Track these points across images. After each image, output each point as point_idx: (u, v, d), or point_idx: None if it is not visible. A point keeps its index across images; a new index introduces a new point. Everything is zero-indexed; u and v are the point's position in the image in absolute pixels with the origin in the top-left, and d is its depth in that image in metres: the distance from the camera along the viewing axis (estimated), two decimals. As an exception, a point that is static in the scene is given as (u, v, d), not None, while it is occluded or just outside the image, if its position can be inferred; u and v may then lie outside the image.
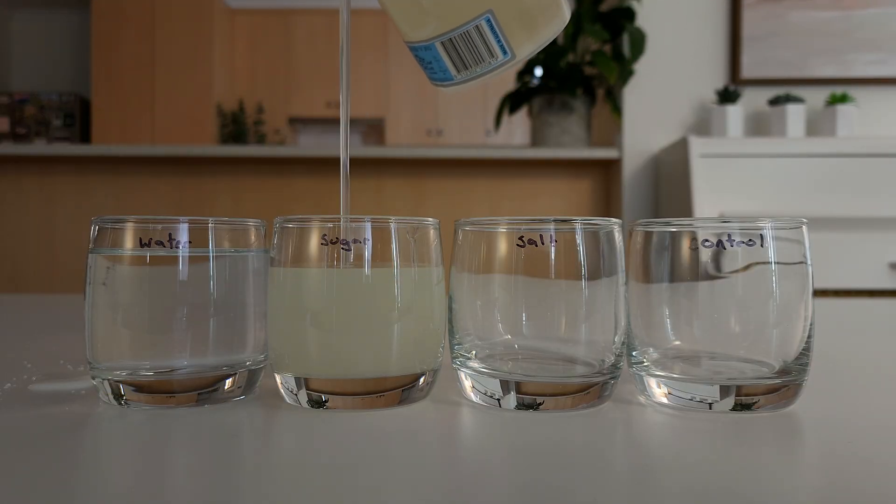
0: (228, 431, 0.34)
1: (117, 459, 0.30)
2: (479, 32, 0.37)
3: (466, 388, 0.40)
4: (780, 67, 2.34)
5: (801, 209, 1.96)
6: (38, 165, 2.27)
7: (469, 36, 0.37)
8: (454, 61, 0.38)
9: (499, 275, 0.39)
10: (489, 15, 0.36)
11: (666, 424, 0.36)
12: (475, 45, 0.37)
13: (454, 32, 0.37)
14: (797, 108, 2.22)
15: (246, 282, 0.41)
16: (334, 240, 0.37)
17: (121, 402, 0.38)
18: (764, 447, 0.32)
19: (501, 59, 0.37)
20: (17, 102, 3.73)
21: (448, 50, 0.38)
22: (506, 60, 0.38)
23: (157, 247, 0.38)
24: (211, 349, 0.39)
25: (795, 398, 0.38)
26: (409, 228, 0.39)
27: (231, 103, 4.20)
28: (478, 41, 0.37)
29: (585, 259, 0.38)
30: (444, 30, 0.37)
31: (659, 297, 0.40)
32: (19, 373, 0.45)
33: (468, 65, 0.38)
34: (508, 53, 0.37)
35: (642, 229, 0.40)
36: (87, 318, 0.39)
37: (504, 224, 0.39)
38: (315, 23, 4.55)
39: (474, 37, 0.37)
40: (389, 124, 4.64)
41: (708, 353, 0.39)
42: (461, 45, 0.37)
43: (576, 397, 0.38)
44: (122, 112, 3.87)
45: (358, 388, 0.38)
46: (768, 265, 0.37)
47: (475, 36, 0.37)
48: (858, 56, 2.33)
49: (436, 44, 0.38)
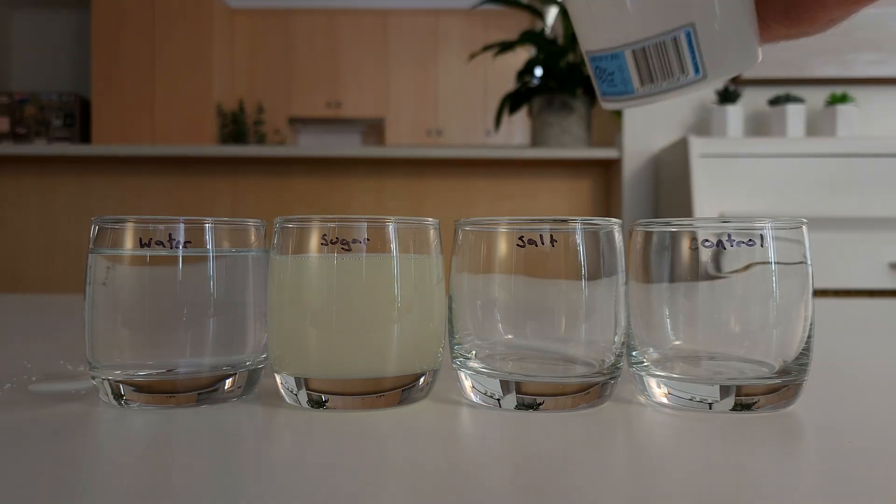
0: (228, 431, 0.34)
1: (117, 459, 0.30)
2: (676, 45, 0.35)
3: (466, 388, 0.40)
4: (780, 67, 2.34)
5: (801, 209, 1.96)
6: (38, 165, 2.27)
7: (664, 47, 0.35)
8: (641, 73, 0.36)
9: (499, 275, 0.39)
10: (690, 28, 0.34)
11: (666, 424, 0.36)
12: (668, 57, 0.35)
13: (649, 41, 0.35)
14: (797, 108, 2.22)
15: (246, 282, 0.41)
16: (334, 240, 0.37)
17: (121, 402, 0.38)
18: (764, 447, 0.32)
19: (692, 77, 0.36)
20: (17, 102, 3.73)
21: (638, 59, 0.36)
22: (696, 79, 0.36)
23: (157, 247, 0.38)
24: (211, 349, 0.39)
25: (795, 398, 0.38)
26: (408, 229, 0.39)
27: (231, 103, 4.20)
28: (672, 54, 0.35)
29: (585, 259, 0.38)
30: (639, 37, 0.35)
31: (659, 297, 0.40)
32: (19, 373, 0.45)
33: (655, 78, 0.36)
34: (700, 72, 0.35)
35: (642, 229, 0.40)
36: (87, 318, 0.39)
37: (504, 224, 0.39)
38: (315, 23, 4.55)
39: (669, 49, 0.35)
40: (389, 124, 4.64)
41: (708, 353, 0.39)
42: (653, 55, 0.35)
43: (576, 397, 0.38)
44: (122, 112, 3.87)
45: (358, 388, 0.38)
46: (768, 265, 0.37)
47: (670, 48, 0.35)
48: (858, 56, 2.33)
49: (625, 52, 0.36)
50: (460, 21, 4.58)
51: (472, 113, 4.62)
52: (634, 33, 0.35)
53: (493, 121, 2.58)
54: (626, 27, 0.35)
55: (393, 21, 4.60)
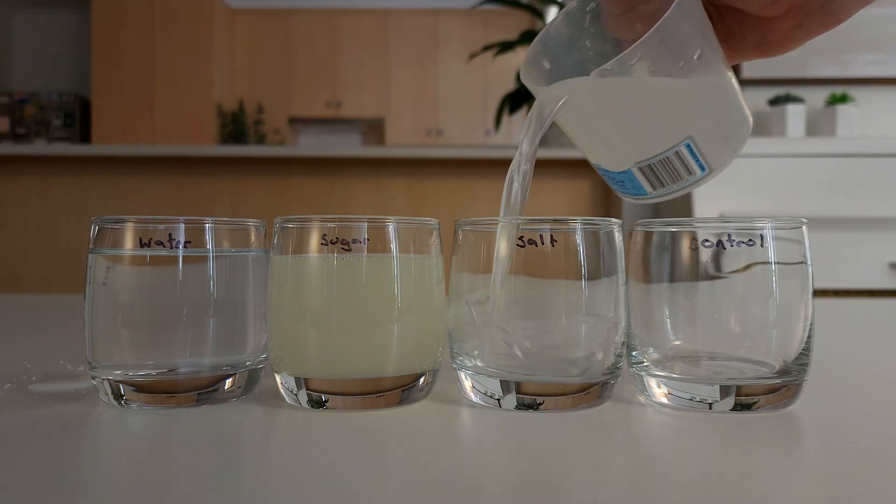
0: (228, 431, 0.34)
1: (117, 459, 0.30)
2: (679, 156, 0.37)
3: (466, 388, 0.40)
4: (780, 67, 2.34)
5: (801, 209, 1.96)
6: (38, 165, 2.27)
7: (668, 161, 0.37)
8: (650, 181, 0.39)
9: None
10: (689, 140, 0.37)
11: (666, 424, 0.36)
12: (673, 167, 0.38)
13: (653, 160, 0.38)
14: (797, 108, 2.22)
15: (246, 282, 0.41)
16: (334, 240, 0.37)
17: (121, 402, 0.38)
18: (764, 447, 0.32)
19: (699, 175, 0.38)
20: (17, 102, 3.73)
21: (645, 173, 0.38)
22: (703, 176, 0.38)
23: (157, 247, 0.38)
24: (211, 349, 0.39)
25: (795, 398, 0.38)
26: (408, 229, 0.39)
27: (231, 103, 4.20)
28: (676, 163, 0.37)
29: (585, 259, 0.38)
30: (643, 158, 0.38)
31: (659, 297, 0.40)
32: (19, 373, 0.45)
33: (665, 183, 0.38)
34: (706, 169, 0.38)
35: (642, 229, 0.40)
36: (87, 318, 0.39)
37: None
38: (315, 23, 4.55)
39: (673, 160, 0.37)
40: (389, 124, 4.64)
41: (708, 353, 0.39)
42: (659, 168, 0.38)
43: (576, 397, 0.38)
44: (122, 112, 3.87)
45: (358, 388, 0.38)
46: (768, 265, 0.37)
47: (674, 160, 0.37)
48: (858, 56, 2.33)
49: (633, 169, 0.39)
50: (460, 21, 4.58)
51: (472, 113, 4.61)
52: (639, 156, 0.38)
53: (493, 121, 2.58)
54: (629, 154, 0.38)
55: (393, 21, 4.60)
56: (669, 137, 0.37)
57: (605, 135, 0.40)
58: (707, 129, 0.37)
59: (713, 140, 0.38)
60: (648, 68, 0.35)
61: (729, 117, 0.39)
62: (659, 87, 0.36)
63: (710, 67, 0.37)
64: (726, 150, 0.38)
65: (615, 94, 0.36)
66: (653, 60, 0.34)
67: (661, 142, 0.37)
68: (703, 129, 0.37)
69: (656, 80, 0.35)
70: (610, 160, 0.40)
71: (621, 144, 0.39)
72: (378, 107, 4.63)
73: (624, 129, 0.38)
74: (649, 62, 0.34)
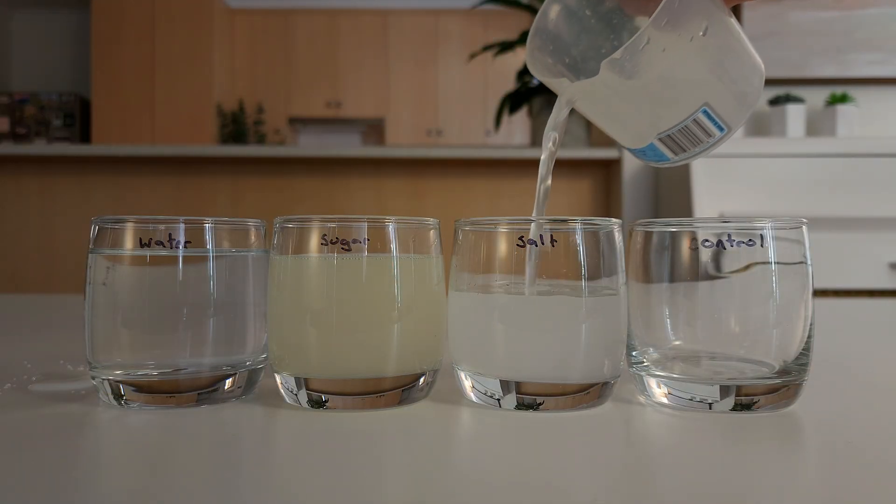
0: (228, 431, 0.34)
1: (117, 459, 0.30)
2: (697, 123, 0.38)
3: (466, 388, 0.40)
4: (780, 67, 2.34)
5: (801, 209, 1.96)
6: (38, 165, 2.27)
7: (687, 129, 0.38)
8: (671, 148, 0.39)
9: (499, 275, 0.39)
10: (706, 107, 0.37)
11: (666, 424, 0.36)
12: (693, 133, 0.38)
13: (672, 130, 0.38)
14: (797, 108, 2.22)
15: (246, 282, 0.41)
16: (334, 240, 0.37)
17: (121, 402, 0.38)
18: (764, 447, 0.32)
19: (718, 136, 0.38)
20: (17, 102, 3.73)
21: (666, 143, 0.39)
22: (722, 136, 0.39)
23: (157, 247, 0.38)
24: (211, 349, 0.39)
25: (795, 398, 0.38)
26: (408, 229, 0.39)
27: (231, 103, 4.20)
28: (696, 130, 0.38)
29: (585, 259, 0.38)
30: (662, 129, 0.38)
31: (659, 297, 0.40)
32: (19, 373, 0.45)
33: (685, 148, 0.39)
34: (725, 129, 0.38)
35: (642, 229, 0.40)
36: (87, 318, 0.39)
37: (504, 224, 0.39)
38: (315, 23, 4.54)
39: (692, 127, 0.38)
40: (389, 124, 4.64)
41: (708, 353, 0.39)
42: (679, 137, 0.38)
43: (576, 397, 0.38)
44: (122, 112, 3.87)
45: (358, 388, 0.38)
46: (768, 265, 0.37)
47: (693, 126, 0.38)
48: (858, 56, 2.33)
49: (654, 141, 0.39)
50: (460, 21, 4.58)
51: (472, 113, 4.61)
52: (658, 129, 0.38)
53: (493, 121, 2.58)
54: (649, 130, 0.38)
55: (393, 21, 4.60)
56: (686, 107, 0.37)
57: (623, 117, 0.40)
58: (722, 91, 0.37)
59: (729, 101, 0.38)
60: (659, 49, 0.34)
61: (742, 74, 0.38)
62: (671, 64, 0.36)
63: (718, 33, 0.36)
64: (743, 108, 0.39)
65: (628, 80, 0.36)
66: (662, 41, 0.34)
67: (678, 113, 0.37)
68: (718, 93, 0.37)
69: (667, 58, 0.35)
70: (630, 139, 0.40)
71: (639, 123, 0.39)
72: (378, 107, 4.63)
73: (640, 109, 0.38)
74: (659, 44, 0.34)
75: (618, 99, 0.38)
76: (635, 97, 0.38)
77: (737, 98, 0.38)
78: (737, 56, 0.38)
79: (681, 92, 0.37)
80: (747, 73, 0.38)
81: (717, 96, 0.37)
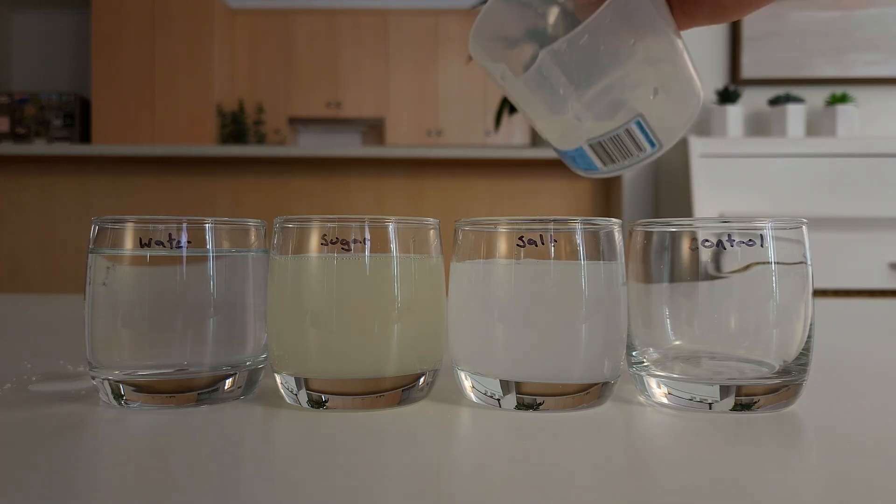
0: (228, 431, 0.34)
1: (117, 459, 0.30)
2: (629, 133, 0.37)
3: (466, 388, 0.40)
4: (780, 67, 2.34)
5: (801, 209, 1.96)
6: (38, 165, 2.27)
7: (618, 138, 0.37)
8: (601, 157, 0.38)
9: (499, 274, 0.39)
10: (639, 118, 0.37)
11: (666, 424, 0.36)
12: (624, 144, 0.38)
13: (603, 137, 0.37)
14: (797, 108, 2.22)
15: (246, 282, 0.41)
16: (334, 240, 0.37)
17: (121, 402, 0.38)
18: (764, 447, 0.32)
19: (649, 151, 0.38)
20: (17, 102, 3.73)
21: (595, 150, 0.38)
22: (653, 152, 0.38)
23: (157, 247, 0.38)
24: (211, 349, 0.39)
25: (795, 398, 0.38)
26: (408, 229, 0.39)
27: (231, 103, 4.20)
28: (627, 141, 0.37)
29: (585, 259, 0.38)
30: (593, 135, 0.38)
31: (659, 297, 0.40)
32: (19, 373, 0.45)
33: (615, 159, 0.38)
34: (656, 145, 0.38)
35: (642, 229, 0.40)
36: (87, 318, 0.39)
37: (504, 224, 0.39)
38: (315, 23, 4.54)
39: (624, 138, 0.37)
40: (389, 124, 4.63)
41: (708, 353, 0.39)
42: (609, 145, 0.38)
43: (576, 397, 0.38)
44: (122, 112, 3.87)
45: (358, 388, 0.38)
46: (768, 265, 0.37)
47: (624, 137, 0.37)
48: (858, 56, 2.33)
49: (583, 146, 0.38)
50: (460, 21, 4.57)
51: (472, 113, 4.61)
52: (589, 133, 0.38)
53: (493, 121, 2.58)
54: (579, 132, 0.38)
55: (393, 21, 4.60)
56: (620, 115, 0.37)
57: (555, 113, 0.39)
58: (657, 107, 0.37)
59: (664, 118, 0.37)
60: (598, 47, 0.34)
61: (681, 94, 0.38)
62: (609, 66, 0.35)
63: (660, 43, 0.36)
64: (676, 127, 0.38)
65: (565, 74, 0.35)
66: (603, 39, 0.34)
67: (612, 119, 0.37)
68: (654, 108, 0.37)
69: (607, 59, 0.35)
70: (560, 138, 0.39)
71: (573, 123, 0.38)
72: (378, 107, 4.63)
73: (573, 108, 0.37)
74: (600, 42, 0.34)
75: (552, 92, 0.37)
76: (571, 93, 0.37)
77: (673, 116, 0.38)
78: (677, 75, 0.38)
79: (616, 98, 0.37)
80: (686, 93, 0.38)
81: (653, 110, 0.37)
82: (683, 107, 0.38)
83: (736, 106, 2.22)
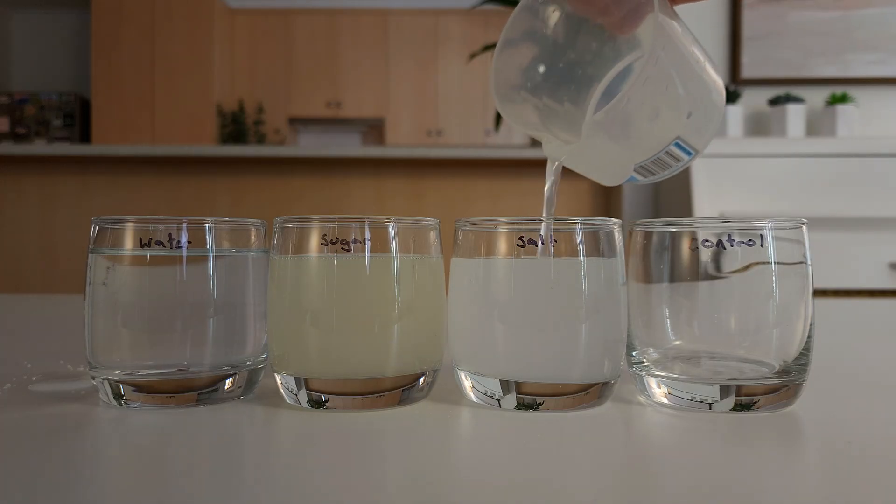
0: (228, 431, 0.34)
1: (117, 459, 0.30)
2: (669, 154, 0.39)
3: (466, 388, 0.40)
4: (780, 67, 2.34)
5: (801, 209, 1.96)
6: (38, 165, 2.27)
7: (660, 159, 0.39)
8: (641, 174, 0.41)
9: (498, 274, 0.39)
10: (678, 140, 0.39)
11: (666, 424, 0.36)
12: (664, 161, 0.39)
13: (645, 161, 0.39)
14: (797, 108, 2.22)
15: (246, 282, 0.41)
16: (334, 240, 0.37)
17: (121, 402, 0.38)
18: (764, 447, 0.32)
19: (686, 160, 0.40)
20: (17, 102, 3.73)
21: (637, 171, 0.40)
22: (690, 158, 0.40)
23: (157, 247, 0.38)
24: (211, 349, 0.39)
25: (795, 398, 0.38)
26: (408, 229, 0.39)
27: (231, 103, 4.20)
28: (667, 158, 0.39)
29: (585, 259, 0.38)
30: (636, 163, 0.40)
31: (659, 297, 0.40)
32: (19, 373, 0.45)
33: (654, 172, 0.40)
34: (692, 153, 0.40)
35: (642, 229, 0.40)
36: (87, 318, 0.39)
37: (504, 224, 0.39)
38: (315, 23, 4.54)
39: (664, 158, 0.39)
40: (389, 124, 4.63)
41: (708, 353, 0.39)
42: (651, 165, 0.40)
43: (576, 397, 0.38)
44: (122, 112, 3.87)
45: (358, 388, 0.38)
46: (768, 265, 0.37)
47: (665, 157, 0.39)
48: (858, 56, 2.33)
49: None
50: (460, 21, 4.57)
51: (472, 113, 4.61)
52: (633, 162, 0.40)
53: (493, 121, 2.58)
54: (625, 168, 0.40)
55: (393, 21, 4.60)
56: (660, 143, 0.38)
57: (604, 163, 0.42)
58: (692, 124, 0.39)
59: (698, 130, 0.39)
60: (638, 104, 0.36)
61: (710, 106, 0.40)
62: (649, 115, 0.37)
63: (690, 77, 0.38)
64: (709, 132, 0.40)
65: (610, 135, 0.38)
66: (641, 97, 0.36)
67: (652, 149, 0.39)
68: (689, 126, 0.39)
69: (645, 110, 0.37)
70: (610, 179, 0.42)
71: (616, 165, 0.41)
72: (378, 107, 4.63)
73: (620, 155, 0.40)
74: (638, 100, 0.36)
75: (599, 151, 0.40)
76: (615, 147, 0.39)
77: (705, 126, 0.40)
78: (708, 90, 0.39)
79: (656, 134, 0.39)
80: (715, 101, 0.40)
81: (688, 128, 0.39)
82: (714, 115, 0.40)
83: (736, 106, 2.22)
